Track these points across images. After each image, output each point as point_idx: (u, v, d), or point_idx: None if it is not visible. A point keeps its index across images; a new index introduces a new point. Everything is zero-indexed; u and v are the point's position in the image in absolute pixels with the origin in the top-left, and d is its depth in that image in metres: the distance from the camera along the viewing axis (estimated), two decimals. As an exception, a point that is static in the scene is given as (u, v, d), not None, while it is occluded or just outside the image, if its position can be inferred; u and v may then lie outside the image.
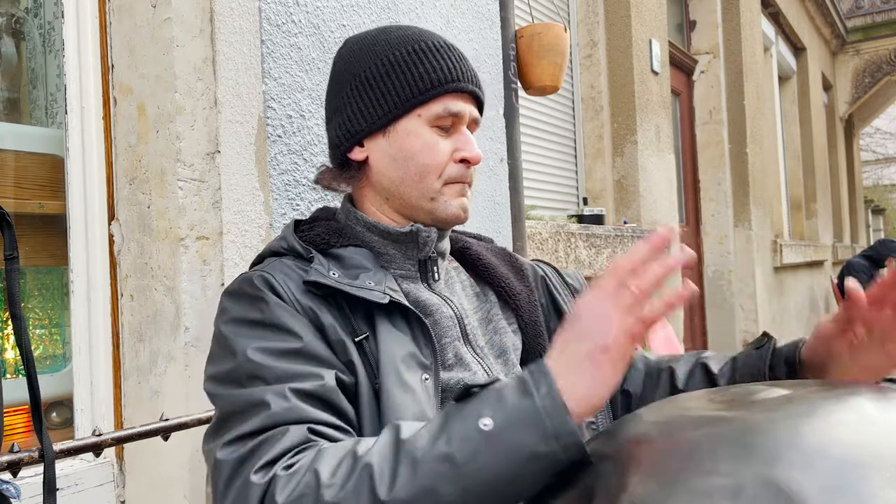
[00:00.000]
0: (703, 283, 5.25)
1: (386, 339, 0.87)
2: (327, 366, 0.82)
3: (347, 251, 0.96)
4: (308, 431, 0.74)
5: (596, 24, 3.88)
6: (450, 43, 1.00)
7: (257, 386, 0.78)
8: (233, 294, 0.89)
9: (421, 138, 0.95)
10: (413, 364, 0.87)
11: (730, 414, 0.61)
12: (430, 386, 0.88)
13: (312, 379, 0.79)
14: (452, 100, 0.96)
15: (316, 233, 0.98)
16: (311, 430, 0.74)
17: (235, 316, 0.86)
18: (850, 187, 10.95)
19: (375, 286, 0.90)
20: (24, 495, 1.12)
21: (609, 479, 0.59)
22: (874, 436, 0.53)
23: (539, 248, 2.64)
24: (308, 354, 0.82)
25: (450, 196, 0.97)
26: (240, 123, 1.39)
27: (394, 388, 0.84)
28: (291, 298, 0.86)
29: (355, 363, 0.85)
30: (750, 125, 5.49)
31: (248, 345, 0.82)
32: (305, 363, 0.81)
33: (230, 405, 0.80)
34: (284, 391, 0.77)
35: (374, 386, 0.85)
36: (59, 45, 1.41)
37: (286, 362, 0.80)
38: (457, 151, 0.96)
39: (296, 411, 0.76)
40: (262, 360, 0.80)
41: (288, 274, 0.89)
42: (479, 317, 1.03)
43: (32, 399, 0.94)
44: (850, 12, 9.72)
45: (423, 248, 0.99)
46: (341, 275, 0.90)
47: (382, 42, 0.98)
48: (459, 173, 0.97)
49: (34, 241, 1.41)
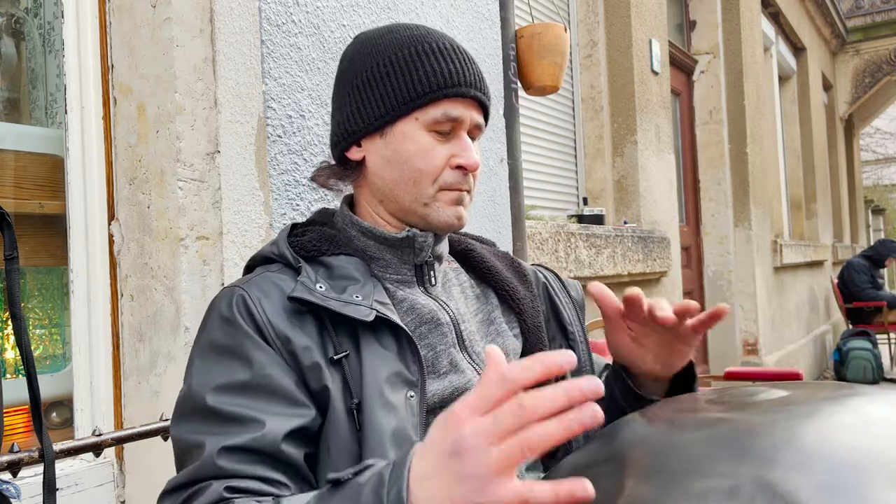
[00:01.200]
0: (703, 283, 5.25)
1: (370, 357, 0.87)
2: (281, 402, 0.82)
3: (338, 260, 0.95)
4: (224, 490, 0.76)
5: (596, 24, 3.88)
6: (457, 45, 0.98)
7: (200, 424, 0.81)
8: (212, 310, 0.90)
9: (417, 142, 0.94)
10: (398, 382, 0.87)
11: (727, 415, 0.61)
12: (415, 403, 0.87)
13: (251, 429, 0.80)
14: (452, 105, 0.94)
15: (308, 238, 0.97)
16: (228, 488, 0.76)
17: (206, 339, 0.88)
18: (850, 187, 10.95)
19: (362, 300, 0.89)
20: (24, 495, 1.13)
21: (606, 481, 0.59)
22: (873, 437, 0.53)
23: (539, 248, 2.64)
24: (263, 388, 0.82)
25: (444, 203, 0.95)
26: (240, 123, 1.39)
27: (375, 408, 0.84)
28: (264, 321, 0.86)
29: (329, 386, 0.85)
30: (750, 125, 5.49)
31: (204, 380, 0.84)
32: (256, 400, 0.82)
33: (180, 444, 0.84)
34: (217, 446, 0.78)
35: (349, 406, 0.84)
36: (59, 45, 1.41)
37: (238, 398, 0.81)
38: (454, 157, 0.94)
39: (223, 468, 0.77)
40: (212, 401, 0.81)
41: (268, 292, 0.89)
42: (479, 319, 1.02)
43: (32, 399, 0.94)
44: (850, 12, 9.71)
45: (420, 253, 0.98)
46: (328, 288, 0.89)
47: (387, 42, 0.97)
48: (455, 180, 0.95)
49: (34, 241, 1.41)
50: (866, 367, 6.25)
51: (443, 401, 0.91)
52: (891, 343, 7.03)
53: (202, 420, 0.81)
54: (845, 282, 7.33)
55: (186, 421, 0.83)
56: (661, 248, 3.78)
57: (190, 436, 0.81)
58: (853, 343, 6.42)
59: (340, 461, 0.83)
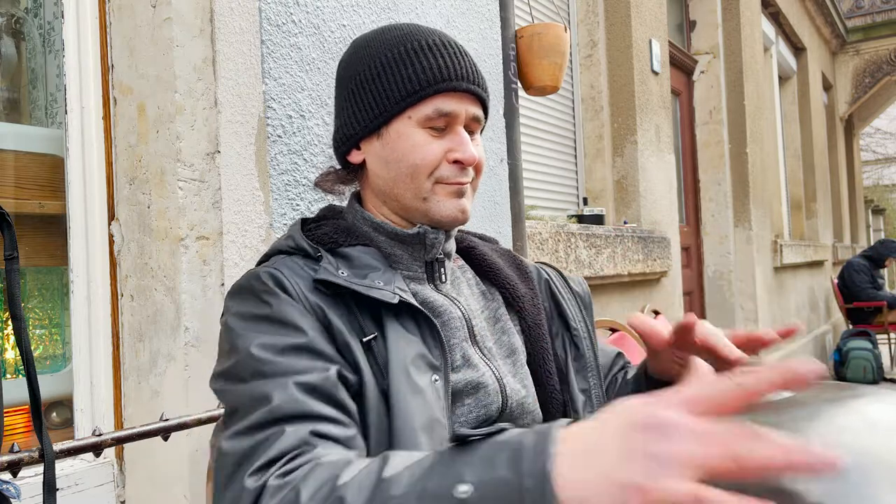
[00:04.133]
0: (703, 283, 5.25)
1: (395, 339, 0.87)
2: (331, 362, 0.82)
3: (356, 250, 0.95)
4: (309, 433, 0.74)
5: (596, 24, 3.88)
6: (447, 40, 0.97)
7: (259, 380, 0.78)
8: (241, 289, 0.89)
9: (411, 139, 0.94)
10: (423, 365, 0.87)
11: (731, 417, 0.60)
12: (440, 387, 0.87)
13: (316, 372, 0.79)
14: (445, 100, 0.93)
15: (323, 231, 0.98)
16: (312, 431, 0.74)
17: (242, 311, 0.86)
18: (850, 187, 10.95)
19: (385, 286, 0.89)
20: (24, 495, 1.12)
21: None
22: (876, 440, 0.53)
23: (539, 248, 2.64)
24: (313, 350, 0.82)
25: (442, 196, 0.95)
26: (240, 123, 1.39)
27: (403, 390, 0.84)
28: (300, 295, 0.86)
29: (361, 365, 0.84)
30: (750, 125, 5.49)
31: (252, 341, 0.82)
32: (309, 358, 0.81)
33: (235, 400, 0.80)
34: (287, 384, 0.76)
35: (381, 387, 0.84)
36: (59, 45, 1.41)
37: (289, 358, 0.80)
38: (450, 152, 0.94)
39: (298, 404, 0.75)
40: (266, 356, 0.80)
41: (297, 271, 0.89)
42: (486, 316, 1.02)
43: (32, 399, 0.94)
44: (850, 12, 9.71)
45: (431, 250, 0.98)
46: (350, 274, 0.89)
47: (378, 43, 0.97)
48: (452, 173, 0.95)
49: (34, 242, 1.41)
50: (866, 367, 6.25)
51: (456, 394, 0.91)
52: (891, 343, 7.03)
53: (261, 378, 0.78)
54: (845, 282, 7.33)
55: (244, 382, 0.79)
56: (661, 249, 3.78)
57: (250, 392, 0.78)
58: (853, 343, 6.42)
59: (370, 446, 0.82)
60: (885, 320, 7.01)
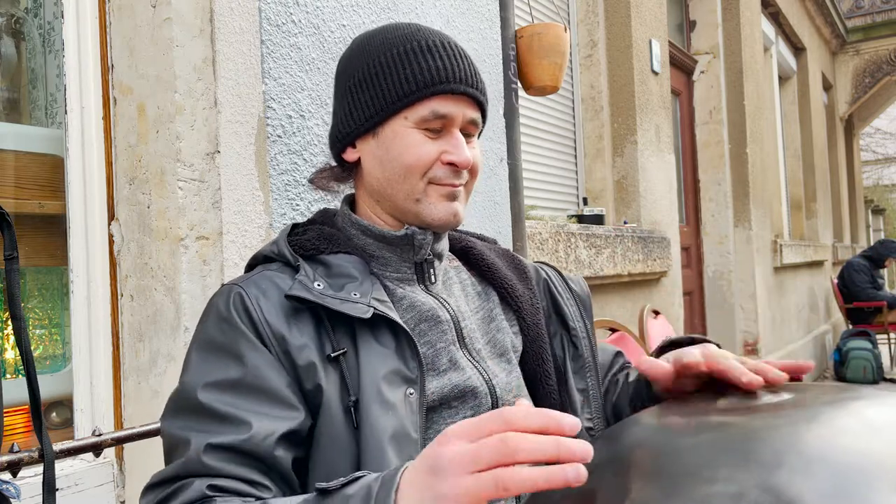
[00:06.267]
0: (703, 283, 5.25)
1: (368, 355, 0.87)
2: (272, 403, 0.83)
3: (337, 258, 0.95)
4: (207, 488, 0.76)
5: (596, 24, 3.88)
6: (447, 41, 0.97)
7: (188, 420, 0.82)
8: (210, 307, 0.91)
9: (405, 140, 0.93)
10: (397, 380, 0.87)
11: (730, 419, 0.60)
12: (414, 401, 0.87)
13: (238, 429, 0.80)
14: (441, 102, 0.93)
15: (307, 237, 0.98)
16: (211, 486, 0.76)
17: (203, 336, 0.88)
18: (850, 187, 10.95)
19: (360, 298, 0.89)
20: (24, 495, 1.12)
21: (609, 483, 0.59)
22: (877, 442, 0.53)
23: (539, 248, 2.64)
24: (254, 388, 0.82)
25: (435, 198, 0.95)
26: (240, 123, 1.39)
27: (373, 406, 0.84)
28: (261, 320, 0.86)
29: (324, 385, 0.84)
30: (750, 125, 5.49)
31: (197, 376, 0.84)
32: (246, 400, 0.82)
33: (168, 439, 0.84)
34: (203, 443, 0.78)
35: (346, 404, 0.84)
36: (59, 45, 1.41)
37: (228, 397, 0.82)
38: (445, 154, 0.94)
39: (208, 465, 0.77)
40: (203, 398, 0.82)
41: (266, 290, 0.89)
42: (480, 316, 1.02)
43: (32, 399, 0.94)
44: (850, 12, 9.71)
45: (419, 251, 0.98)
46: (326, 286, 0.89)
47: (377, 42, 0.97)
48: (445, 175, 0.94)
49: (34, 242, 1.41)
50: (866, 367, 6.25)
51: (443, 398, 0.91)
52: (891, 343, 7.04)
53: (191, 416, 0.82)
54: (845, 282, 7.34)
55: (176, 416, 0.84)
56: (661, 249, 3.78)
57: (178, 431, 0.82)
58: (853, 343, 6.42)
59: (337, 460, 0.83)
60: (884, 320, 7.01)
